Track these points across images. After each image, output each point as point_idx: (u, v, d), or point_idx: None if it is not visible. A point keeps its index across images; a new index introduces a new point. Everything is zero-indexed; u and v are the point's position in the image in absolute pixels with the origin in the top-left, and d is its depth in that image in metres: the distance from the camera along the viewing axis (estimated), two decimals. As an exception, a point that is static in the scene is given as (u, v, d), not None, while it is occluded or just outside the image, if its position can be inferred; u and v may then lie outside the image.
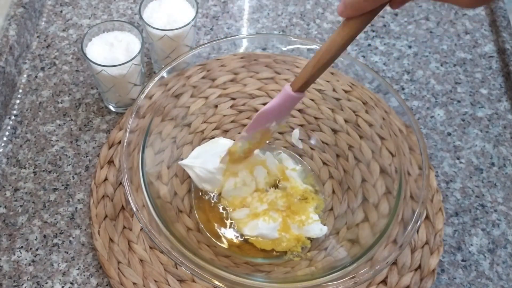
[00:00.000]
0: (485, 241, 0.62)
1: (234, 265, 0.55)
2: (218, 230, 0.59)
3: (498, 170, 0.67)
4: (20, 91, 0.72)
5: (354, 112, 0.62)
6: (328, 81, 0.64)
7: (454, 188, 0.66)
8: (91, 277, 0.58)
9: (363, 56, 0.77)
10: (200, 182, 0.61)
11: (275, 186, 0.63)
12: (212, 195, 0.62)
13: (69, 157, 0.66)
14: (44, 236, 0.60)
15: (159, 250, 0.47)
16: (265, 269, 0.56)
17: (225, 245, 0.58)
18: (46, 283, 0.57)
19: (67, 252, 0.59)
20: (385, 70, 0.76)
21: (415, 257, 0.58)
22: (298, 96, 0.50)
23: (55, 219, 0.61)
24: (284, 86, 0.50)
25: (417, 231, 0.60)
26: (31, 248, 0.59)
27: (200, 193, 0.62)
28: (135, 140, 0.54)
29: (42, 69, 0.74)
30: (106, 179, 0.63)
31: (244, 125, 0.67)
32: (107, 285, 0.57)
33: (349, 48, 0.78)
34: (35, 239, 0.60)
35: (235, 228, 0.60)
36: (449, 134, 0.70)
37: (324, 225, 0.59)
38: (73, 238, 0.60)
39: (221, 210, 0.61)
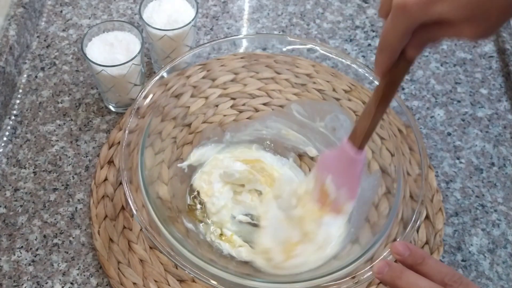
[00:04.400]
0: (485, 241, 0.62)
1: (234, 265, 0.55)
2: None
3: (498, 170, 0.67)
4: (20, 91, 0.72)
5: (354, 112, 0.62)
6: (328, 81, 0.64)
7: (454, 188, 0.66)
8: (91, 277, 0.58)
9: (363, 56, 0.77)
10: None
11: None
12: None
13: (69, 157, 0.66)
14: (44, 236, 0.60)
15: (159, 250, 0.47)
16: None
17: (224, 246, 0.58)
18: (46, 283, 0.57)
19: (67, 252, 0.59)
20: (385, 70, 0.76)
21: (415, 257, 0.58)
22: (346, 149, 0.48)
23: (55, 219, 0.61)
24: (343, 142, 0.49)
25: (417, 231, 0.60)
26: (31, 248, 0.59)
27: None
28: (135, 140, 0.54)
29: (42, 69, 0.74)
30: (106, 179, 0.63)
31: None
32: (107, 285, 0.57)
33: (349, 48, 0.78)
34: (35, 239, 0.60)
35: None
36: (449, 134, 0.70)
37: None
38: (73, 238, 0.60)
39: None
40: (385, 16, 0.40)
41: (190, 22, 0.66)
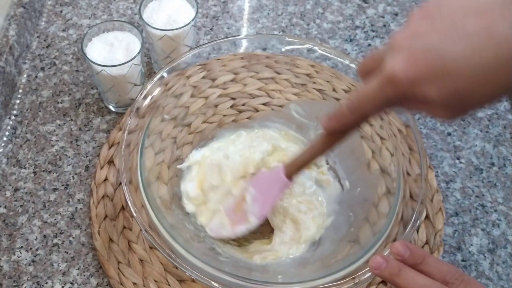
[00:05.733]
0: (485, 241, 0.62)
1: (234, 266, 0.55)
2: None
3: (498, 170, 0.67)
4: (20, 91, 0.72)
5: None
6: (328, 81, 0.64)
7: (454, 188, 0.66)
8: (91, 277, 0.58)
9: (363, 56, 0.77)
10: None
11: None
12: None
13: (69, 157, 0.66)
14: (44, 236, 0.60)
15: (159, 251, 0.47)
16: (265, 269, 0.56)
17: (225, 246, 0.58)
18: (46, 283, 0.57)
19: (67, 252, 0.59)
20: (385, 70, 0.76)
21: (415, 257, 0.58)
22: (283, 180, 0.53)
23: (55, 219, 0.61)
24: (279, 165, 0.53)
25: (417, 231, 0.60)
26: (31, 248, 0.59)
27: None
28: (135, 140, 0.54)
29: (42, 69, 0.74)
30: (106, 179, 0.63)
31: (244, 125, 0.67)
32: (107, 285, 0.57)
33: (349, 48, 0.78)
34: (35, 239, 0.60)
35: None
36: (449, 134, 0.70)
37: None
38: (73, 238, 0.60)
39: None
40: (364, 76, 0.41)
41: (190, 22, 0.66)
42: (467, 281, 0.39)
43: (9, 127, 0.68)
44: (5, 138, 0.68)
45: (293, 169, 0.52)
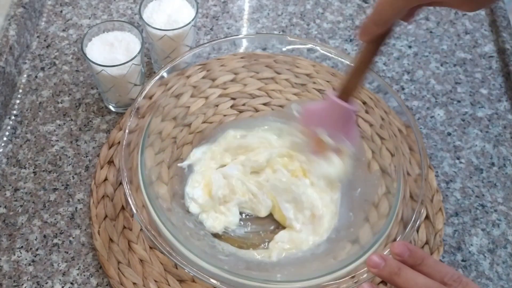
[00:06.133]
0: (485, 241, 0.62)
1: (234, 264, 0.55)
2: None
3: (498, 170, 0.67)
4: (20, 91, 0.72)
5: (353, 111, 0.62)
6: (328, 81, 0.64)
7: (454, 188, 0.66)
8: (91, 277, 0.58)
9: None
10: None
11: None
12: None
13: (69, 157, 0.66)
14: (44, 236, 0.60)
15: (159, 250, 0.47)
16: (266, 268, 0.56)
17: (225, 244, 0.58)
18: (46, 283, 0.57)
19: (67, 252, 0.59)
20: (385, 70, 0.76)
21: (415, 257, 0.58)
22: (341, 103, 0.51)
23: (55, 219, 0.61)
24: (327, 93, 0.52)
25: (417, 231, 0.60)
26: (31, 248, 0.59)
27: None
28: (135, 140, 0.55)
29: (42, 69, 0.74)
30: (106, 179, 0.63)
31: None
32: (107, 285, 0.57)
33: (349, 48, 0.78)
34: (35, 239, 0.60)
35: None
36: (449, 134, 0.70)
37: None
38: (73, 238, 0.60)
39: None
40: None
41: (190, 22, 0.66)
42: (465, 283, 0.39)
43: (9, 127, 0.69)
44: (5, 138, 0.68)
45: (352, 94, 0.51)
